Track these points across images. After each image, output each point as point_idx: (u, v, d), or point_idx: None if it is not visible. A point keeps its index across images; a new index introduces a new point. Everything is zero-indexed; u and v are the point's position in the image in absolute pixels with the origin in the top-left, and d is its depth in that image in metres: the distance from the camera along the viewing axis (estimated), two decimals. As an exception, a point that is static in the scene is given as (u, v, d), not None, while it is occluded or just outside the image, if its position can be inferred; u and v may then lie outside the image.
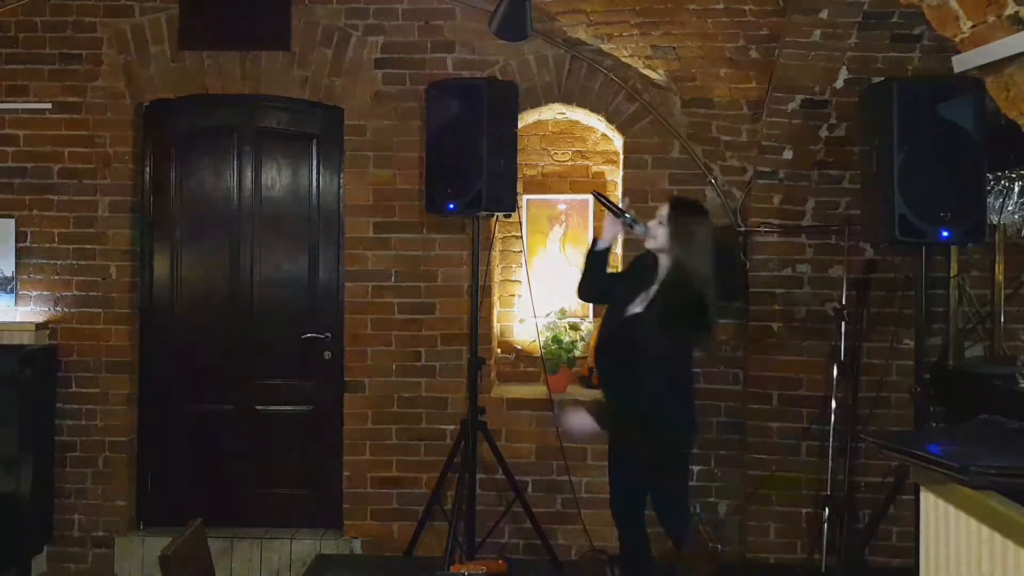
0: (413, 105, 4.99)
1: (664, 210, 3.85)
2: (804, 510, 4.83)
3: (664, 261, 3.84)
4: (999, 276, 4.61)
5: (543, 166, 5.54)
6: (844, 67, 4.40)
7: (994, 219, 4.33)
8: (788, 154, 4.75)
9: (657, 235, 3.83)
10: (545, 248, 5.49)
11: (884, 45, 4.28)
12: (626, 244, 4.97)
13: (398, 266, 5.02)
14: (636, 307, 3.83)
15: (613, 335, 3.92)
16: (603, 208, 4.05)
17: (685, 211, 3.86)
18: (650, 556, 4.05)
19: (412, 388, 5.01)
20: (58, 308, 5.03)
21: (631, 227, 3.93)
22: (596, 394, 5.13)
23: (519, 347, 5.50)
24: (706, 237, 3.83)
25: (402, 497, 4.98)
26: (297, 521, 5.13)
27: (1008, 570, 2.04)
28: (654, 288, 3.82)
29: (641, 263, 4.00)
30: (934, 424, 4.10)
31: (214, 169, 5.22)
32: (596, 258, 3.99)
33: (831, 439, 4.69)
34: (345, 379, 5.04)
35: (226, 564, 4.88)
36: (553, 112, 5.28)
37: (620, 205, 4.00)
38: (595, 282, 4.03)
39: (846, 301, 4.74)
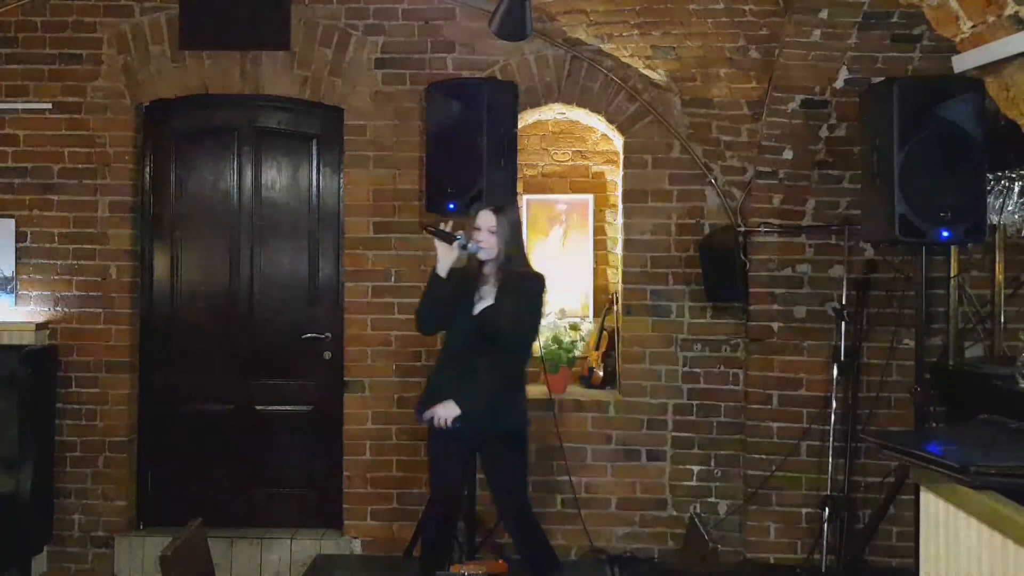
0: (413, 105, 4.99)
1: (490, 220, 3.90)
2: (804, 510, 4.83)
3: (492, 265, 3.93)
4: (999, 276, 4.61)
5: (543, 166, 5.53)
6: (844, 67, 4.40)
7: (994, 219, 4.33)
8: (788, 154, 4.75)
9: (490, 244, 3.90)
10: (545, 248, 5.49)
11: (884, 45, 4.28)
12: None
13: (398, 266, 5.02)
14: (479, 307, 3.92)
15: (459, 340, 3.97)
16: (434, 237, 3.99)
17: (505, 208, 3.98)
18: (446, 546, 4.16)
19: (412, 388, 5.00)
20: (58, 308, 5.03)
21: (465, 248, 3.93)
22: (597, 394, 5.15)
23: (519, 347, 5.48)
24: (519, 222, 4.07)
25: (402, 497, 4.98)
26: (297, 521, 5.13)
27: (1008, 570, 2.04)
28: (488, 287, 3.93)
29: (464, 274, 4.01)
30: (934, 424, 4.10)
31: (214, 169, 5.22)
32: (438, 286, 3.97)
33: (831, 439, 4.69)
34: (345, 379, 5.04)
35: (226, 564, 4.88)
36: (553, 112, 5.28)
37: (446, 229, 3.99)
38: (437, 310, 4.01)
39: (846, 301, 4.74)
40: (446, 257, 3.94)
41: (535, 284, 3.98)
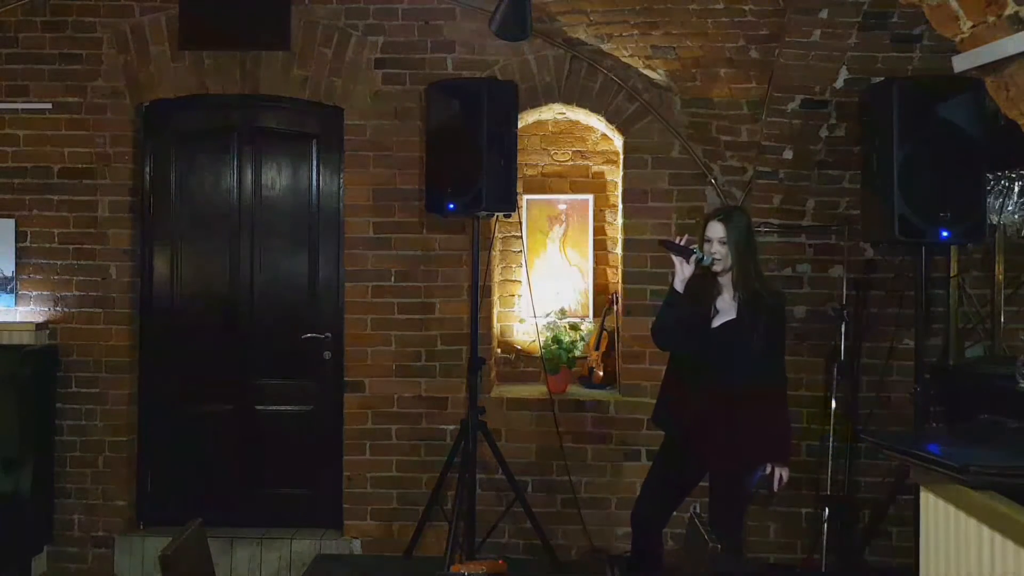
0: (413, 105, 4.99)
1: (719, 230, 3.76)
2: (804, 510, 4.83)
3: (727, 276, 3.79)
4: (999, 276, 4.62)
5: (543, 166, 5.53)
6: (844, 67, 4.39)
7: (994, 219, 4.34)
8: (788, 154, 4.75)
9: (723, 254, 3.75)
10: (545, 248, 5.49)
11: (884, 45, 4.28)
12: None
13: (398, 266, 5.02)
14: (718, 320, 3.78)
15: (694, 355, 3.84)
16: (671, 253, 3.82)
17: (732, 215, 3.83)
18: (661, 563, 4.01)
19: (412, 388, 5.01)
20: (58, 308, 5.03)
21: (701, 262, 3.76)
22: (597, 394, 5.15)
23: (519, 347, 5.50)
24: (749, 227, 3.84)
25: (402, 497, 4.98)
26: (297, 521, 5.13)
27: (1008, 570, 2.04)
28: (726, 300, 3.80)
29: (696, 287, 3.84)
30: (934, 424, 4.10)
31: (214, 169, 5.22)
32: (679, 303, 3.79)
33: (831, 439, 4.69)
34: (345, 379, 5.04)
35: (226, 564, 4.88)
36: (553, 112, 5.28)
37: (681, 243, 3.81)
38: (680, 328, 3.83)
39: (846, 301, 4.74)
40: (683, 272, 3.77)
41: (778, 301, 3.85)
